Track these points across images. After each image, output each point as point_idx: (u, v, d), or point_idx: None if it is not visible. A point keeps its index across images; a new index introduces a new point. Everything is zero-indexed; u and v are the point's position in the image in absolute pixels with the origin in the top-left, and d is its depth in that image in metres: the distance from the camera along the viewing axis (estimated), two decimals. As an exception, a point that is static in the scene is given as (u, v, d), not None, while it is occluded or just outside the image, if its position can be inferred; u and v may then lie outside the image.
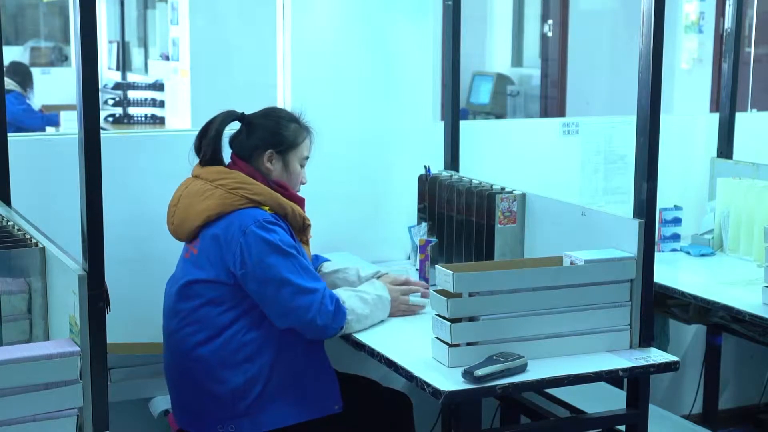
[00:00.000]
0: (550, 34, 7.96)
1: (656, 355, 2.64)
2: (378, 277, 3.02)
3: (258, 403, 2.74)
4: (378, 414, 3.00)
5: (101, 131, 1.99)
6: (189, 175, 2.90)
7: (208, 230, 2.77)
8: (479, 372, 2.41)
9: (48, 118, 7.19)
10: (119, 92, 8.13)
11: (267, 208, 2.78)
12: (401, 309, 2.94)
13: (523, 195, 3.26)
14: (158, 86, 7.84)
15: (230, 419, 2.74)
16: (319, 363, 2.83)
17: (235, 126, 2.94)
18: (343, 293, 2.83)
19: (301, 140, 2.93)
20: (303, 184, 2.97)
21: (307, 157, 2.97)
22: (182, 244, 2.90)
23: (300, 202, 2.92)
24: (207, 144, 2.86)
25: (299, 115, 2.97)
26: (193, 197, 2.80)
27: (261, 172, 2.87)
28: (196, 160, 2.90)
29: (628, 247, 2.68)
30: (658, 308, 3.44)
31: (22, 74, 7.37)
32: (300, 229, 2.87)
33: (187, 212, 2.80)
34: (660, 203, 2.81)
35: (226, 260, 2.72)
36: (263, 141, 2.88)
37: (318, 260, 3.14)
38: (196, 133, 2.92)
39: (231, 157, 2.91)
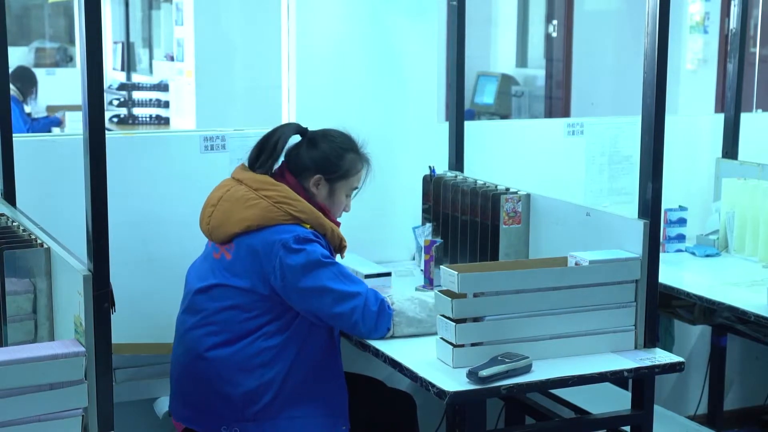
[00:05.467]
0: (554, 34, 7.95)
1: (661, 356, 2.64)
2: None
3: (266, 411, 2.71)
4: (382, 414, 3.00)
5: (106, 132, 1.99)
6: (228, 176, 2.86)
7: (245, 239, 2.73)
8: (484, 372, 2.41)
9: (35, 125, 7.17)
10: (124, 93, 8.13)
11: (308, 225, 2.74)
12: None
13: (528, 195, 3.26)
14: (163, 87, 7.83)
15: (236, 422, 2.72)
16: (333, 378, 2.80)
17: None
18: (399, 297, 2.80)
19: (355, 172, 2.90)
20: (346, 211, 2.94)
21: (357, 188, 2.94)
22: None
23: (336, 225, 2.87)
24: (268, 154, 2.81)
25: (361, 144, 2.94)
26: (235, 203, 2.75)
27: (306, 191, 2.85)
28: (237, 162, 2.84)
29: (633, 247, 2.68)
30: (663, 309, 3.43)
31: (25, 80, 7.36)
32: (337, 249, 2.85)
33: (227, 217, 2.75)
34: (665, 204, 2.80)
35: (266, 272, 2.69)
36: (315, 164, 2.85)
37: None
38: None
39: (281, 166, 2.88)
